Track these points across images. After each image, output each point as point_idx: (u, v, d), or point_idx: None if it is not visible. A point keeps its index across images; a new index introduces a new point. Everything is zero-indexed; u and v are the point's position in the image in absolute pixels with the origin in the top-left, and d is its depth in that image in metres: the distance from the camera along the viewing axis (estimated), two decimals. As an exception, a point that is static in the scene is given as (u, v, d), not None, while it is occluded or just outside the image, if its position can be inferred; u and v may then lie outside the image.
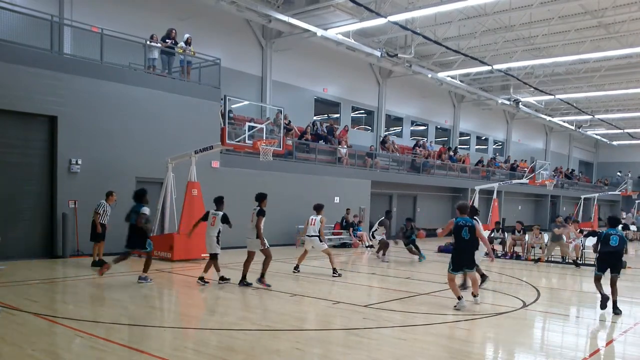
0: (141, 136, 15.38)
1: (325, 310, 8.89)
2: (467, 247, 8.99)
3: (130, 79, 15.23)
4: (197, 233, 14.35)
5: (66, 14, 16.03)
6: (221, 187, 15.86)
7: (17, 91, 12.98)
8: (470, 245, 9.00)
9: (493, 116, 39.53)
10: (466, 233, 8.90)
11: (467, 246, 8.99)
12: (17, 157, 13.41)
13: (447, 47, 23.72)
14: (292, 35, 21.94)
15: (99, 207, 12.79)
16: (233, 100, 16.52)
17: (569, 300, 11.05)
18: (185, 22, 18.70)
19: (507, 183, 30.60)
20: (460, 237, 8.94)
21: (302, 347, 6.62)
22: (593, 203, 39.47)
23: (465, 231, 8.90)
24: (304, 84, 25.01)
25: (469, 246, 9.01)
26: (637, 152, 52.10)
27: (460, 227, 8.94)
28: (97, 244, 12.83)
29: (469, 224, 8.95)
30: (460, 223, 8.96)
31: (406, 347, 6.71)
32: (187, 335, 7.08)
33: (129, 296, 9.84)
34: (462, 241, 8.94)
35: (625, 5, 21.10)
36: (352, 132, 26.93)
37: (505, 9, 21.47)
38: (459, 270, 9.13)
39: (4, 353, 5.94)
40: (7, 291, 9.29)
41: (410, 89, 31.04)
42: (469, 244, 8.97)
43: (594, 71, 30.75)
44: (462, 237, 8.92)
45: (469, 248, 9.02)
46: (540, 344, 7.46)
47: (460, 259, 8.99)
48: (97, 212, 12.74)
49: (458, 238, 9.00)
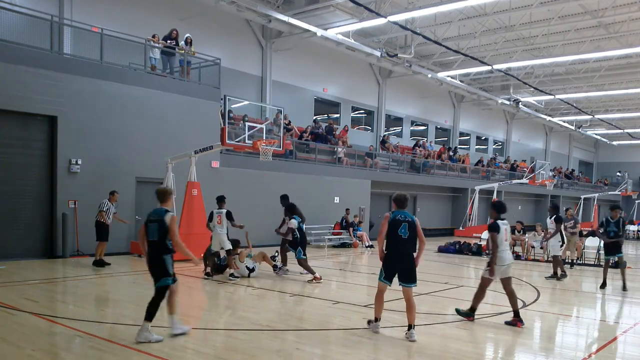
0: (141, 136, 15.38)
1: (325, 310, 8.88)
2: (405, 249, 7.04)
3: (130, 79, 15.23)
4: (197, 233, 14.44)
5: (66, 14, 16.04)
6: (221, 187, 15.86)
7: (17, 91, 12.98)
8: (408, 247, 7.04)
9: (493, 116, 39.54)
10: (405, 231, 7.00)
11: (405, 248, 7.04)
12: (17, 157, 13.41)
13: (447, 47, 23.72)
14: (292, 35, 21.94)
15: (104, 205, 12.81)
16: (233, 100, 16.52)
17: (569, 300, 11.04)
18: (185, 22, 18.70)
19: (507, 183, 30.62)
20: (397, 236, 7.00)
21: (302, 347, 6.62)
22: (593, 203, 39.49)
23: (404, 228, 7.01)
24: (304, 84, 25.01)
25: (408, 248, 7.05)
26: (637, 152, 52.10)
27: (397, 223, 7.03)
28: (101, 243, 12.81)
29: (409, 219, 7.07)
30: (398, 218, 7.08)
31: (406, 347, 6.71)
32: (187, 335, 7.07)
33: (128, 296, 9.85)
34: (399, 241, 7.01)
35: (625, 5, 21.11)
36: (352, 132, 26.94)
37: (505, 9, 21.48)
38: (388, 278, 7.13)
39: (4, 353, 5.94)
40: (7, 291, 9.29)
41: (410, 89, 31.05)
42: (408, 245, 7.03)
43: (594, 71, 30.77)
44: (398, 235, 6.99)
45: (407, 251, 7.05)
46: (540, 344, 7.46)
47: (394, 264, 7.07)
48: (102, 211, 12.74)
49: (394, 237, 7.02)
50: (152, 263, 6.64)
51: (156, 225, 6.55)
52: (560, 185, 40.46)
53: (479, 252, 18.61)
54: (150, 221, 6.63)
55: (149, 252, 6.65)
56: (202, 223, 14.57)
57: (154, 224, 6.57)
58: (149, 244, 6.64)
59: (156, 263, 6.61)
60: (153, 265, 6.63)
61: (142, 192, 15.69)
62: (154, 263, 6.63)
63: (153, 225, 6.58)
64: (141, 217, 15.57)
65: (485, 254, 18.20)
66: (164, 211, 6.64)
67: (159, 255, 6.59)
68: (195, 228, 14.35)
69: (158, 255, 6.59)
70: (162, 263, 6.59)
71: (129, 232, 15.24)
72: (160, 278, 6.57)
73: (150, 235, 6.60)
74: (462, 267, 16.12)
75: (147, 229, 6.63)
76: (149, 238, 6.62)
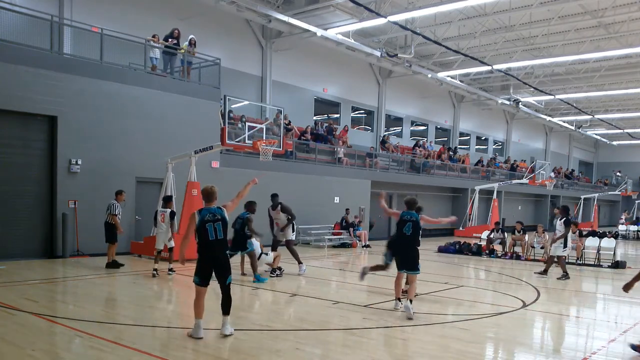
0: (141, 136, 15.38)
1: (325, 310, 8.88)
2: (408, 243, 8.55)
3: (130, 79, 15.23)
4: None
5: (66, 14, 16.03)
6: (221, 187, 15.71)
7: (17, 91, 12.97)
8: (411, 242, 8.55)
9: (493, 116, 39.54)
10: (409, 229, 8.50)
11: (408, 242, 8.54)
12: (17, 157, 13.40)
13: (447, 47, 23.73)
14: (292, 35, 21.94)
15: (114, 208, 12.46)
16: (233, 100, 16.50)
17: (569, 300, 11.04)
18: (185, 22, 18.70)
19: (507, 183, 30.62)
20: (402, 233, 8.56)
21: (302, 347, 6.62)
22: (593, 203, 39.49)
23: (408, 226, 8.51)
24: (304, 84, 25.01)
25: (410, 243, 8.55)
26: (637, 152, 52.12)
27: (403, 222, 8.56)
28: (112, 245, 12.61)
29: (413, 218, 8.55)
30: (405, 217, 8.58)
31: (406, 347, 6.71)
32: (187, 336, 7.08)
33: (128, 296, 9.85)
34: (403, 237, 8.56)
35: (625, 5, 21.11)
36: (352, 132, 26.94)
37: (505, 9, 21.48)
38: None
39: (4, 353, 5.94)
40: (7, 291, 9.29)
41: (410, 89, 31.05)
42: (410, 240, 8.54)
43: (594, 71, 30.77)
44: (403, 232, 8.54)
45: (409, 245, 8.56)
46: (540, 344, 7.46)
47: (399, 254, 8.71)
48: (114, 214, 12.41)
49: (400, 233, 8.62)
50: (224, 261, 6.77)
51: (220, 224, 6.70)
52: (560, 185, 40.47)
53: (478, 252, 18.60)
54: (215, 220, 6.67)
55: (217, 250, 6.69)
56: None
57: (219, 223, 6.69)
58: (217, 242, 6.66)
59: (227, 260, 6.82)
60: (225, 263, 6.77)
61: (142, 192, 15.69)
62: (225, 260, 6.80)
63: (218, 224, 6.68)
64: (141, 217, 15.61)
65: (485, 254, 18.22)
66: (222, 210, 6.81)
67: (225, 252, 6.84)
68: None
69: (225, 253, 6.83)
70: (229, 260, 6.90)
71: (129, 232, 15.24)
72: (229, 275, 6.78)
73: (218, 234, 6.68)
74: (462, 267, 16.12)
75: (210, 228, 6.64)
76: (217, 237, 6.66)
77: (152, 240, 14.60)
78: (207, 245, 6.65)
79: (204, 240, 6.65)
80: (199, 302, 6.74)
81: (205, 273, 6.69)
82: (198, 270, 6.72)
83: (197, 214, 6.74)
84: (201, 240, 6.66)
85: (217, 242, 6.67)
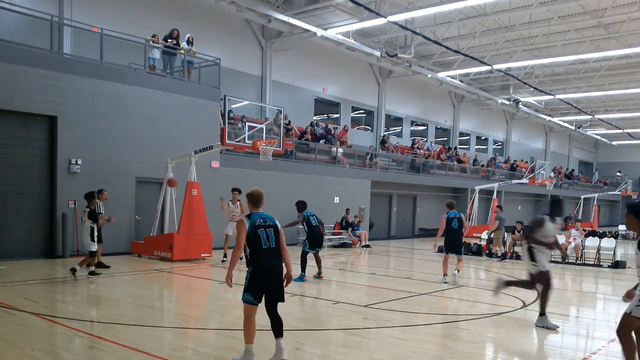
0: (141, 136, 15.37)
1: (325, 310, 8.88)
2: (457, 234, 11.86)
3: (130, 79, 15.22)
4: (197, 233, 14.44)
5: (66, 14, 16.03)
6: (221, 187, 15.89)
7: (17, 91, 12.97)
8: (458, 233, 11.86)
9: (493, 116, 39.53)
10: (455, 223, 11.84)
11: (455, 233, 11.84)
12: (17, 157, 13.40)
13: (447, 47, 23.72)
14: (292, 35, 21.94)
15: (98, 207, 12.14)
16: (233, 100, 16.51)
17: (569, 300, 11.04)
18: (185, 22, 18.70)
19: (507, 183, 30.60)
20: (451, 227, 11.80)
21: (302, 347, 6.62)
22: (593, 203, 39.49)
23: (455, 222, 11.85)
24: (303, 84, 25.01)
25: (458, 234, 11.87)
26: (637, 152, 52.10)
27: (451, 219, 11.86)
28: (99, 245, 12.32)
29: (457, 216, 11.94)
30: (452, 216, 11.87)
31: (406, 347, 6.71)
32: (187, 335, 7.08)
33: (128, 296, 9.85)
34: (452, 230, 11.83)
35: (625, 5, 21.11)
36: (352, 132, 26.93)
37: (505, 9, 21.48)
38: (449, 252, 12.02)
39: (4, 353, 5.94)
40: (7, 291, 9.29)
41: (410, 89, 31.05)
42: (458, 232, 11.86)
43: (594, 71, 30.76)
44: (452, 227, 11.80)
45: (458, 235, 11.87)
46: (540, 344, 7.46)
47: (451, 244, 11.88)
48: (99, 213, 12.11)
49: (449, 228, 11.81)
50: (279, 271, 5.74)
51: (272, 230, 5.74)
52: (560, 185, 40.46)
53: (479, 252, 18.58)
54: (267, 227, 5.70)
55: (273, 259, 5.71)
56: (202, 223, 14.61)
57: (271, 230, 5.73)
58: (270, 251, 5.68)
59: (282, 274, 5.77)
60: (280, 274, 5.75)
61: (142, 192, 15.69)
62: (281, 271, 5.76)
63: (270, 231, 5.71)
64: (141, 217, 15.61)
65: (485, 254, 18.20)
66: (274, 218, 5.89)
67: (281, 265, 5.80)
68: (195, 228, 14.35)
69: (281, 266, 5.80)
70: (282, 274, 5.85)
71: (129, 232, 15.24)
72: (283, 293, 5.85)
73: (271, 242, 5.70)
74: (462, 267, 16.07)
75: (263, 234, 5.64)
76: (271, 244, 5.68)
77: (152, 240, 14.63)
78: (260, 255, 5.58)
79: (256, 249, 5.59)
80: (249, 323, 5.69)
81: (259, 289, 5.62)
82: (250, 287, 5.61)
83: (246, 219, 5.65)
84: (253, 249, 5.60)
85: (271, 250, 5.65)
